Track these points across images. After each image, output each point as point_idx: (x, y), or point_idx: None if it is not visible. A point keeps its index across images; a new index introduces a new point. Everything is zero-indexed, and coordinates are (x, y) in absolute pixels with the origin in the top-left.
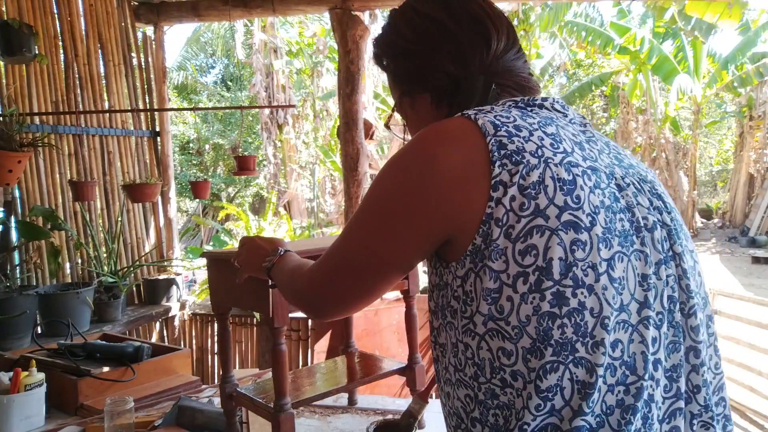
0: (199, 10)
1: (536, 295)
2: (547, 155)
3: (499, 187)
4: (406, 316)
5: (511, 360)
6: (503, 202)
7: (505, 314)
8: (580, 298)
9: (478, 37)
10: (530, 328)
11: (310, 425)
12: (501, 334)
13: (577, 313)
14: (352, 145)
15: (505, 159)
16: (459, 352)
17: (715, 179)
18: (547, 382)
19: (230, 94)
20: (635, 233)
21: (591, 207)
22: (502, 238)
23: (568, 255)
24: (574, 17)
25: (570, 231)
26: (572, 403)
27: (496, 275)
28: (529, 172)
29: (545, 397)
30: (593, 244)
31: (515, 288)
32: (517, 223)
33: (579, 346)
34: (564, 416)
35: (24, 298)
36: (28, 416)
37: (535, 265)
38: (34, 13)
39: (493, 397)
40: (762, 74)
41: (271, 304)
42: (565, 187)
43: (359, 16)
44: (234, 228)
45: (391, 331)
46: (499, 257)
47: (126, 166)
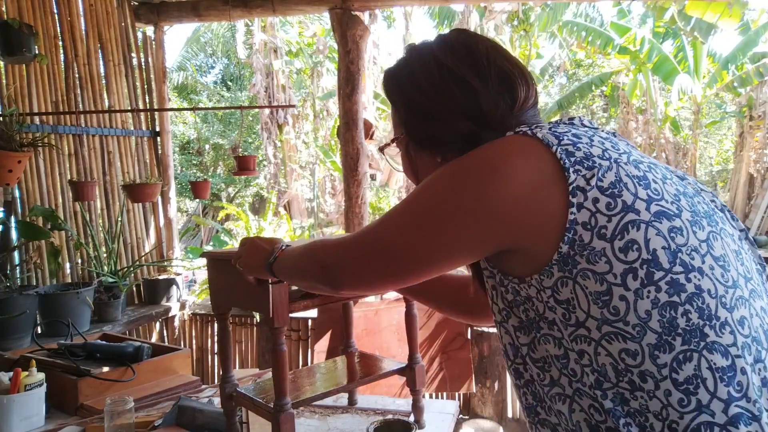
0: (199, 10)
1: (651, 288)
2: (614, 156)
3: (577, 192)
4: (406, 316)
5: (637, 360)
6: (585, 205)
7: (622, 314)
8: (695, 281)
9: (502, 95)
10: (653, 322)
11: (310, 425)
12: (621, 336)
13: (697, 297)
14: (352, 145)
15: (578, 165)
16: (571, 362)
17: (715, 179)
18: (684, 373)
19: (230, 94)
20: (714, 213)
21: (671, 196)
22: (596, 239)
23: (670, 243)
24: (574, 17)
25: (663, 220)
26: (719, 393)
27: (601, 277)
28: (604, 174)
29: (686, 390)
30: (687, 228)
31: (626, 285)
32: (609, 222)
33: (708, 330)
34: (715, 410)
35: (24, 298)
36: (28, 416)
37: (641, 259)
38: (34, 13)
39: (623, 403)
40: (762, 74)
41: (271, 304)
42: (642, 182)
43: (359, 16)
44: (234, 228)
45: (391, 331)
46: (599, 259)
47: (126, 166)
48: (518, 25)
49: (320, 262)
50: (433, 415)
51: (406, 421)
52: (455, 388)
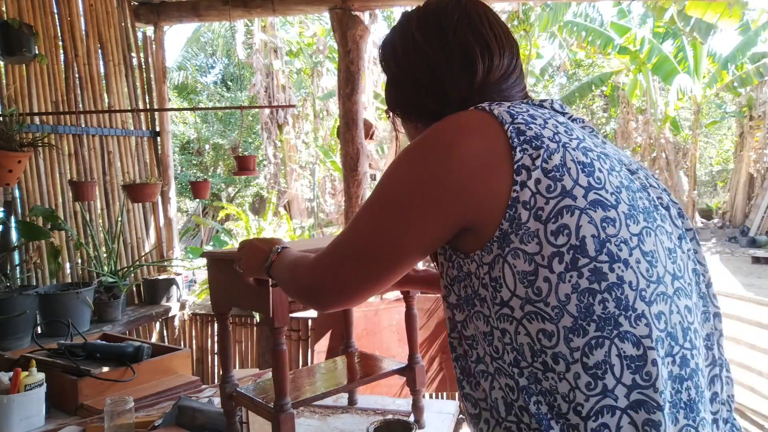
0: (199, 10)
1: (573, 273)
2: (564, 140)
3: (522, 171)
4: (406, 316)
5: (552, 341)
6: (528, 185)
7: (544, 295)
8: (618, 272)
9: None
10: (570, 306)
11: (310, 425)
12: (540, 316)
13: (617, 288)
14: (352, 145)
15: (526, 144)
16: (495, 340)
17: (715, 179)
18: (594, 358)
19: (230, 94)
20: (655, 210)
21: (612, 187)
22: (532, 220)
23: (600, 232)
24: (574, 17)
25: (598, 209)
26: (624, 379)
27: (530, 257)
28: (550, 156)
29: (594, 375)
30: (621, 220)
31: (551, 268)
32: (546, 204)
33: (622, 320)
34: (618, 395)
35: (24, 298)
36: (28, 416)
37: (569, 244)
38: (34, 13)
39: (536, 382)
40: (762, 74)
41: (271, 304)
42: (585, 169)
43: (359, 16)
44: (234, 228)
45: (391, 331)
46: (531, 239)
47: (126, 166)
48: (518, 25)
49: (302, 288)
50: (433, 415)
51: (406, 421)
52: (455, 388)
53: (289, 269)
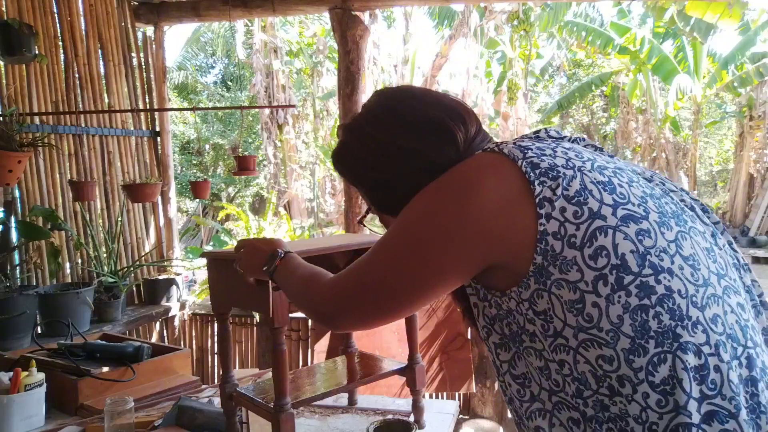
0: (199, 10)
1: (621, 293)
2: (577, 165)
3: (544, 203)
4: (406, 317)
5: (614, 365)
6: (554, 216)
7: (595, 321)
8: (665, 283)
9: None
10: (625, 327)
11: (310, 425)
12: (596, 342)
13: (668, 299)
14: None
15: (543, 177)
16: (552, 373)
17: (715, 179)
18: (660, 375)
19: (230, 94)
20: (683, 213)
21: (637, 198)
22: (567, 248)
23: (638, 246)
24: (574, 17)
25: (631, 224)
26: (693, 392)
27: (574, 285)
28: (569, 183)
29: (663, 392)
30: (655, 230)
31: (598, 292)
32: (577, 230)
33: (680, 330)
34: (691, 411)
35: (24, 298)
36: (28, 416)
37: (611, 264)
38: (34, 13)
39: (603, 410)
40: (762, 74)
41: (271, 304)
42: (607, 188)
43: (359, 16)
44: (234, 228)
45: (391, 331)
46: (571, 268)
47: (126, 166)
48: (518, 25)
49: (317, 309)
50: (433, 415)
51: (406, 421)
52: (455, 388)
53: (300, 283)
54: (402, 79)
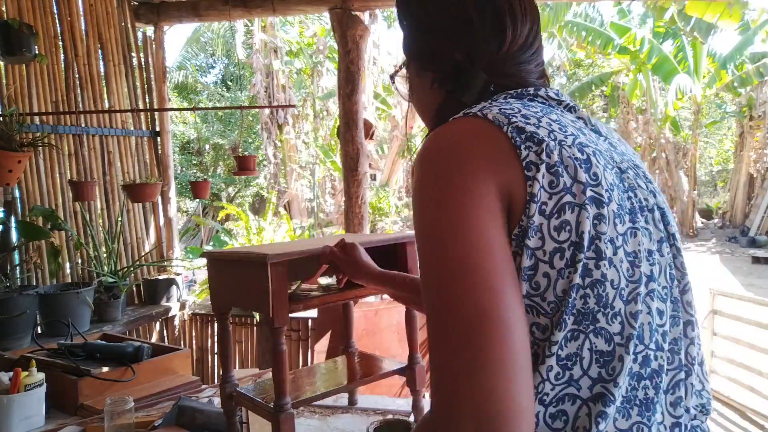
0: (199, 10)
1: (571, 270)
2: (559, 138)
3: (531, 167)
4: (406, 316)
5: (546, 334)
6: (537, 178)
7: (541, 290)
8: (603, 270)
9: (494, 33)
10: (565, 301)
11: (310, 425)
12: (536, 310)
13: (600, 285)
14: (352, 145)
15: (528, 141)
16: None
17: (715, 179)
18: (567, 350)
19: (230, 94)
20: (639, 212)
21: (607, 184)
22: (537, 215)
23: (591, 229)
24: (574, 17)
25: (593, 206)
26: (590, 372)
27: (532, 252)
28: (551, 152)
29: (564, 365)
30: (610, 219)
31: (552, 264)
32: (549, 200)
33: (600, 316)
34: (582, 385)
35: (24, 298)
36: (28, 416)
37: (570, 240)
38: (34, 13)
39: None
40: (762, 74)
41: (271, 304)
42: (583, 166)
43: (359, 16)
44: (234, 228)
45: (391, 331)
46: (534, 234)
47: (126, 166)
48: None
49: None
50: None
51: (406, 421)
52: None
53: None
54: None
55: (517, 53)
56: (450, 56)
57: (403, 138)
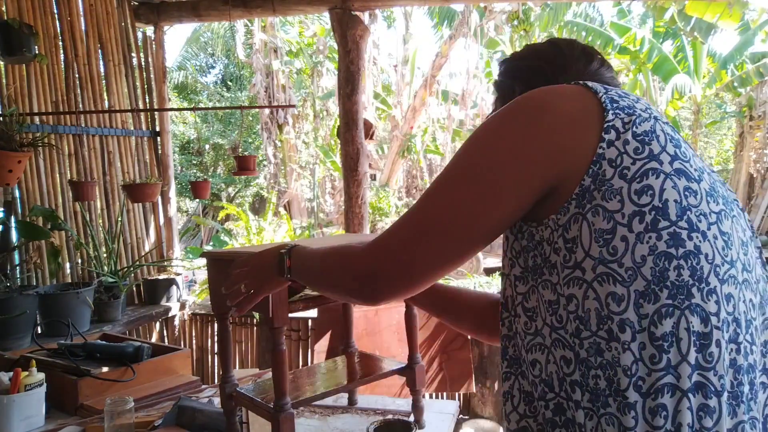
0: (199, 10)
1: (653, 235)
2: (655, 115)
3: (611, 130)
4: (406, 316)
5: (621, 306)
6: (616, 144)
7: (619, 255)
8: (696, 241)
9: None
10: (645, 269)
11: (310, 425)
12: (612, 277)
13: (693, 257)
14: (352, 145)
15: (619, 110)
16: (560, 308)
17: None
18: (662, 328)
19: (230, 94)
20: (733, 203)
21: (696, 165)
22: (616, 178)
23: (682, 199)
24: (574, 17)
25: (682, 178)
26: (689, 357)
27: (610, 215)
28: (642, 123)
29: (660, 347)
30: (702, 195)
31: (630, 227)
32: (632, 164)
33: (695, 291)
34: (681, 373)
35: (24, 298)
36: (28, 416)
37: (652, 205)
38: (34, 13)
39: (597, 353)
40: (762, 74)
41: (270, 304)
42: (674, 141)
43: (359, 16)
44: (234, 228)
45: (391, 331)
46: (613, 197)
47: (126, 166)
48: (518, 25)
49: (354, 277)
50: (433, 415)
51: (406, 421)
52: (455, 388)
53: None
54: (402, 79)
55: (599, 72)
56: (540, 71)
57: (403, 138)
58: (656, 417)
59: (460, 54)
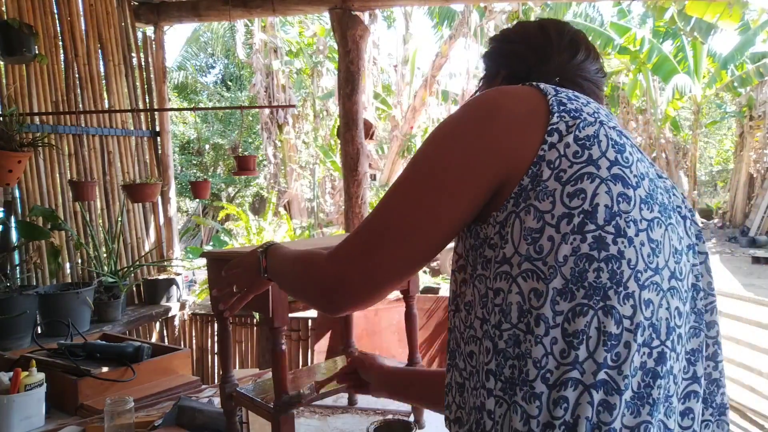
0: (199, 10)
1: (578, 237)
2: (601, 119)
3: (554, 133)
4: (406, 316)
5: (540, 302)
6: (557, 147)
7: (544, 254)
8: (620, 246)
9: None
10: (566, 268)
11: (310, 425)
12: (536, 274)
13: (615, 261)
14: (352, 145)
15: (564, 113)
16: (488, 301)
17: (715, 179)
18: (575, 326)
19: (230, 94)
20: (672, 210)
21: (637, 171)
22: (552, 180)
23: (613, 204)
24: (574, 17)
25: (618, 184)
26: (596, 355)
27: (540, 215)
28: (585, 127)
29: (570, 343)
30: (636, 202)
31: (558, 228)
32: (569, 167)
33: (611, 294)
34: (586, 369)
35: (24, 298)
36: (28, 416)
37: (581, 208)
38: (34, 13)
39: (515, 345)
40: (762, 74)
41: (270, 304)
42: (616, 146)
43: (359, 16)
44: (234, 228)
45: (391, 331)
46: (546, 198)
47: (126, 166)
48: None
49: (316, 287)
50: (433, 415)
51: (406, 421)
52: None
53: (295, 269)
54: (402, 79)
55: (584, 66)
56: (524, 57)
57: (403, 138)
58: (557, 408)
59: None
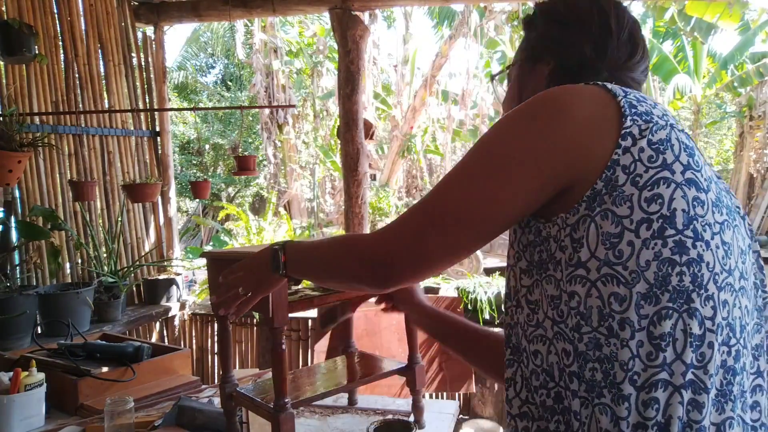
0: (199, 10)
1: (658, 242)
2: (671, 122)
3: (628, 137)
4: (406, 317)
5: (623, 306)
6: (631, 151)
7: (624, 258)
8: (699, 250)
9: (625, 45)
10: (649, 273)
11: (310, 425)
12: (616, 279)
13: (696, 264)
14: (352, 145)
15: (636, 116)
16: (561, 303)
17: None
18: (661, 329)
19: (230, 94)
20: (735, 212)
21: (706, 174)
22: (628, 184)
23: (690, 209)
24: None
25: (692, 188)
26: (683, 356)
27: (619, 220)
28: (658, 130)
29: (657, 345)
30: (709, 205)
31: (638, 233)
32: (645, 172)
33: (695, 297)
34: (675, 370)
35: (24, 298)
36: (28, 416)
37: (660, 213)
38: (34, 13)
39: (595, 348)
40: (762, 74)
41: (271, 304)
42: (687, 150)
43: (359, 16)
44: (234, 228)
45: (391, 331)
46: (623, 203)
47: (126, 166)
48: (518, 25)
49: (365, 258)
50: (433, 415)
51: (406, 421)
52: (455, 389)
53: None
54: (402, 79)
55: (636, 66)
56: (579, 48)
57: (403, 138)
58: (648, 409)
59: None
